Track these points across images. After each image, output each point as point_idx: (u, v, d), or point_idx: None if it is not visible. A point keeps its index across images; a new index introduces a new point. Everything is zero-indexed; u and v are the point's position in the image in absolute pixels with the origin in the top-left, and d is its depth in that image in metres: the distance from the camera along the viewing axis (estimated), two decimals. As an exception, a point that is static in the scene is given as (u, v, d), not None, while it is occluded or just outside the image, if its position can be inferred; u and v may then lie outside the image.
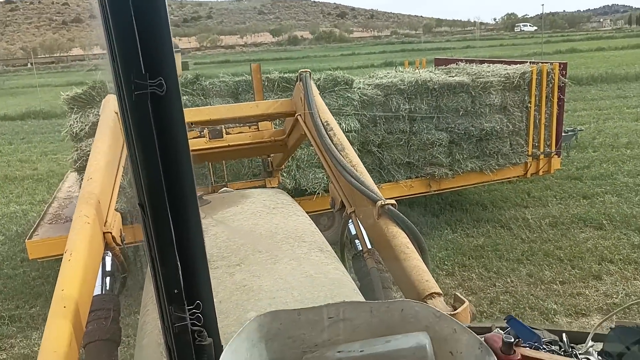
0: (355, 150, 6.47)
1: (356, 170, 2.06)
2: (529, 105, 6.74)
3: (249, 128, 3.41)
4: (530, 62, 7.06)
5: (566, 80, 6.89)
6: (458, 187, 6.92)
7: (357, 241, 2.18)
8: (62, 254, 5.03)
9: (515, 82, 6.53)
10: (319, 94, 2.76)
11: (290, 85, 5.81)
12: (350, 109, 6.01)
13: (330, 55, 49.85)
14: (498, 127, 6.59)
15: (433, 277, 1.60)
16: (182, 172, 0.78)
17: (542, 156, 7.05)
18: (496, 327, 1.00)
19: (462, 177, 6.74)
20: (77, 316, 1.30)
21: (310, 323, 0.99)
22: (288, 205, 2.47)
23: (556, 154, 7.18)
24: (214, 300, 0.89)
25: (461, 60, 7.89)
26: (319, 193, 5.93)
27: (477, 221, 7.18)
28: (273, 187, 4.00)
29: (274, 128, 3.48)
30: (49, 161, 12.02)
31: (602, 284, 5.35)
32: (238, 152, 3.54)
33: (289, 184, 5.76)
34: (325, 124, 2.39)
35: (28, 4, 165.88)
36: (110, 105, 2.47)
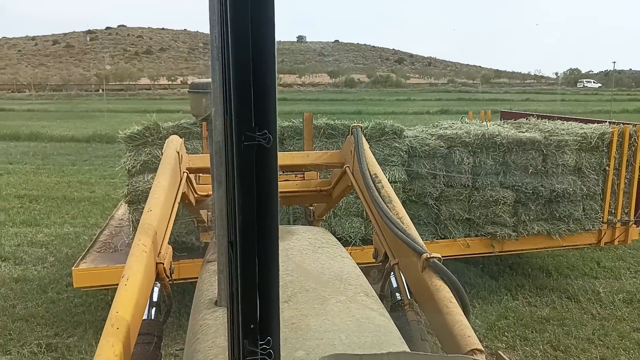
0: (410, 202, 6.10)
1: (402, 223, 2.08)
2: (607, 168, 6.22)
3: (295, 176, 3.45)
4: (609, 122, 6.58)
5: (650, 143, 6.34)
6: (522, 250, 6.41)
7: (397, 294, 2.19)
8: (106, 285, 5.02)
9: (594, 142, 6.05)
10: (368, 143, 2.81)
11: (335, 133, 5.68)
12: (397, 159, 5.76)
13: (386, 100, 50.00)
14: (571, 190, 6.08)
15: (491, 348, 1.46)
16: (271, 215, 0.85)
17: (618, 224, 6.45)
18: None
19: (528, 240, 6.23)
20: (127, 338, 1.39)
21: None
22: (333, 245, 2.47)
23: (635, 223, 6.55)
24: None
25: (532, 115, 7.47)
26: (356, 243, 5.66)
27: (541, 289, 6.58)
28: (317, 226, 4.00)
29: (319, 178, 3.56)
30: (106, 185, 12.33)
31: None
32: (285, 199, 3.58)
33: None
34: (373, 176, 2.43)
35: (107, 34, 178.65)
36: (172, 145, 2.62)
